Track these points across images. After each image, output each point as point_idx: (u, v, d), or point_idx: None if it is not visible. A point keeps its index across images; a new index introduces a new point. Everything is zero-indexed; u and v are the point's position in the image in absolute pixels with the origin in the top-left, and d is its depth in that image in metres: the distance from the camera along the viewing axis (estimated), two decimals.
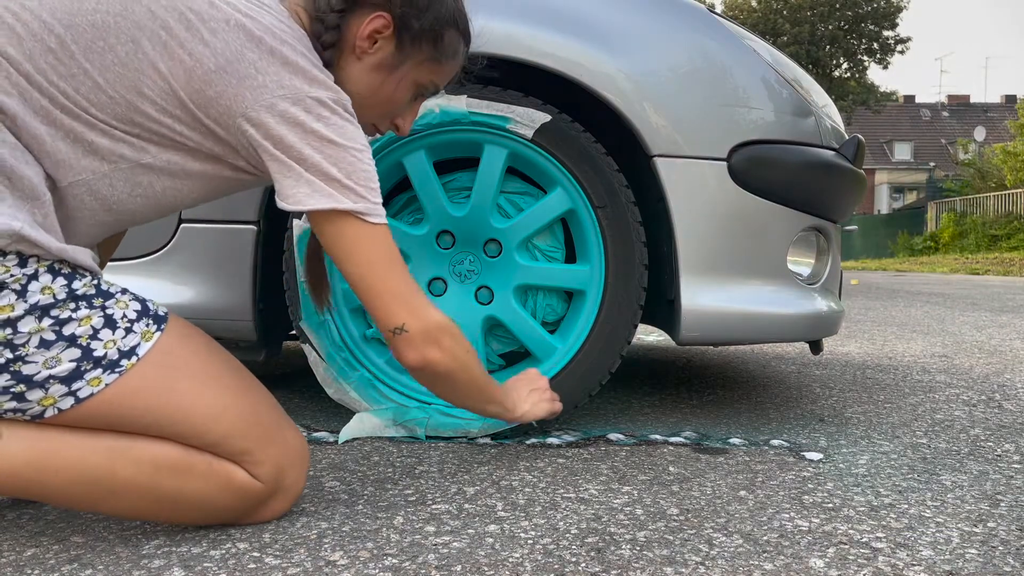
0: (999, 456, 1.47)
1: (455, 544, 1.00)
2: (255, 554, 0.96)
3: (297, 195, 0.97)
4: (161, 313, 0.99)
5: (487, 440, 1.51)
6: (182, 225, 1.52)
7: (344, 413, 1.71)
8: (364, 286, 1.02)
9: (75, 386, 0.91)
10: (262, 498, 1.02)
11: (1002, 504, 1.19)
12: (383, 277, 1.02)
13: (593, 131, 1.51)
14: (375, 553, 0.97)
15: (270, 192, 1.50)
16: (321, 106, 0.97)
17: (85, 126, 0.92)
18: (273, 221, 1.55)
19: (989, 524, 1.10)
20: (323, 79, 0.99)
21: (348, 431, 1.49)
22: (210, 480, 0.98)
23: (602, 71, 1.45)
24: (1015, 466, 1.40)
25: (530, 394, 1.34)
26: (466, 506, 1.14)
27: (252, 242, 1.50)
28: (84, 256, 0.94)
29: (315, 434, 1.55)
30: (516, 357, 1.61)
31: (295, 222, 1.48)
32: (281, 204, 0.99)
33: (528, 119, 1.46)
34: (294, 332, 1.55)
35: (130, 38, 0.92)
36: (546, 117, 1.46)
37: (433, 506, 1.14)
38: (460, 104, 1.45)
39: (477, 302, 1.54)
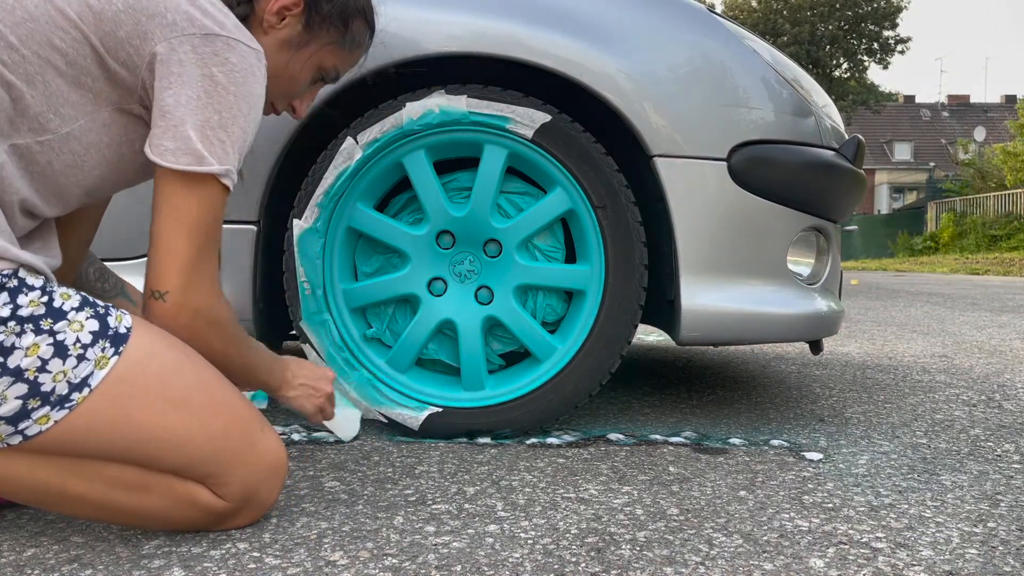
0: (999, 456, 1.47)
1: (455, 544, 1.00)
2: (255, 554, 0.96)
3: (162, 147, 0.94)
4: (123, 331, 0.93)
5: (487, 440, 1.51)
6: None
7: None
8: (157, 235, 0.96)
9: (22, 425, 0.87)
10: (227, 514, 1.01)
11: (1002, 504, 1.19)
12: (181, 237, 0.95)
13: (592, 131, 1.51)
14: (375, 553, 0.97)
15: (270, 192, 1.50)
16: (229, 50, 0.96)
17: None
18: (273, 221, 1.55)
19: (989, 524, 1.10)
20: (232, 26, 0.98)
21: (349, 432, 1.47)
22: (170, 498, 0.96)
23: (602, 71, 1.45)
24: (1015, 466, 1.40)
25: (302, 386, 1.21)
26: (466, 506, 1.14)
27: (252, 242, 1.50)
28: (29, 257, 0.90)
29: (315, 434, 1.55)
30: (516, 357, 1.61)
31: (295, 222, 1.48)
32: (147, 151, 0.95)
33: (528, 119, 1.45)
34: (294, 332, 1.55)
35: None
36: (546, 117, 1.46)
37: (433, 506, 1.14)
38: (460, 104, 1.45)
39: (477, 302, 1.54)
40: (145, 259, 1.40)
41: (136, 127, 1.00)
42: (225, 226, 1.50)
